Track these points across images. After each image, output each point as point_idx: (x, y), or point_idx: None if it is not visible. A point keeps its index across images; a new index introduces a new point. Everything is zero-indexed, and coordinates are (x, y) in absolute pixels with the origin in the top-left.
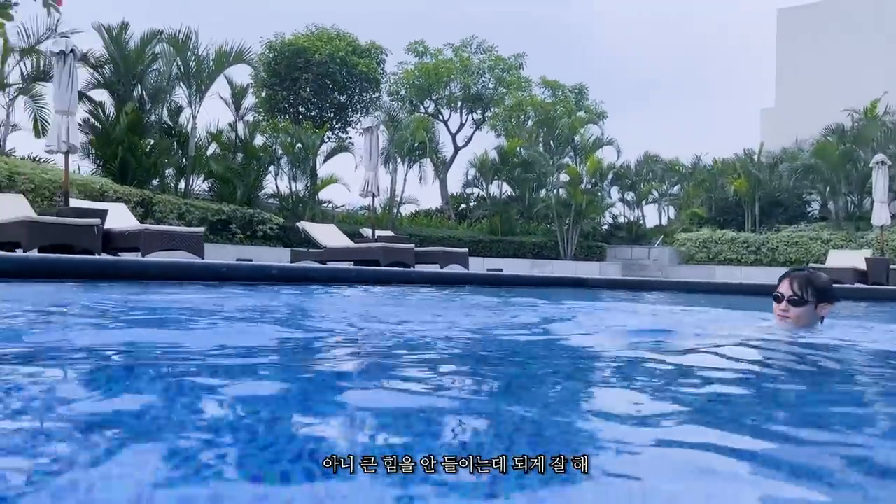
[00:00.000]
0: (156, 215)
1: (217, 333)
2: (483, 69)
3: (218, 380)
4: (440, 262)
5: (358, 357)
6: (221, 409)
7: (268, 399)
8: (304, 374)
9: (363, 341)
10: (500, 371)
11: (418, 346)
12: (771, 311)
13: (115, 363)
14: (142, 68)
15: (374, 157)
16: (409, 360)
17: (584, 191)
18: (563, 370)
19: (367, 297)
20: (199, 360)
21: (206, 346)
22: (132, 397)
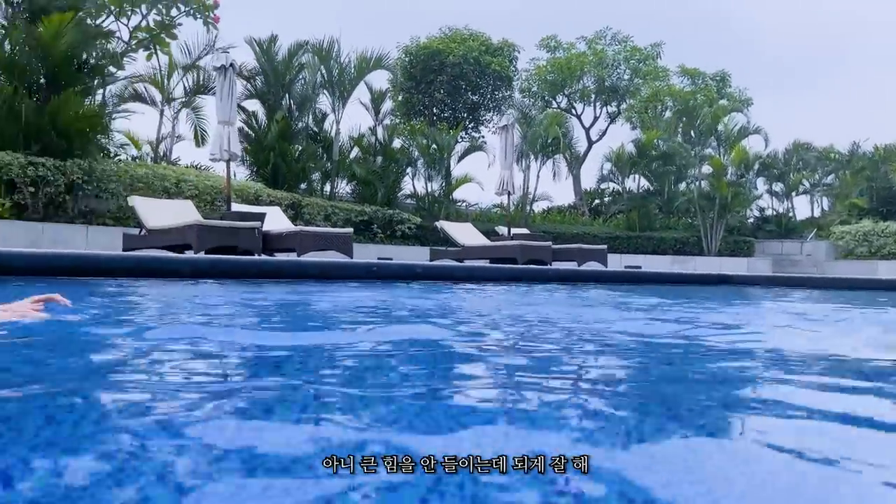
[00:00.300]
0: (305, 217)
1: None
2: (618, 60)
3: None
4: (577, 259)
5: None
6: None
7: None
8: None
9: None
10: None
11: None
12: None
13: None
14: (290, 78)
15: (510, 156)
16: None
17: (729, 182)
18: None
19: (529, 295)
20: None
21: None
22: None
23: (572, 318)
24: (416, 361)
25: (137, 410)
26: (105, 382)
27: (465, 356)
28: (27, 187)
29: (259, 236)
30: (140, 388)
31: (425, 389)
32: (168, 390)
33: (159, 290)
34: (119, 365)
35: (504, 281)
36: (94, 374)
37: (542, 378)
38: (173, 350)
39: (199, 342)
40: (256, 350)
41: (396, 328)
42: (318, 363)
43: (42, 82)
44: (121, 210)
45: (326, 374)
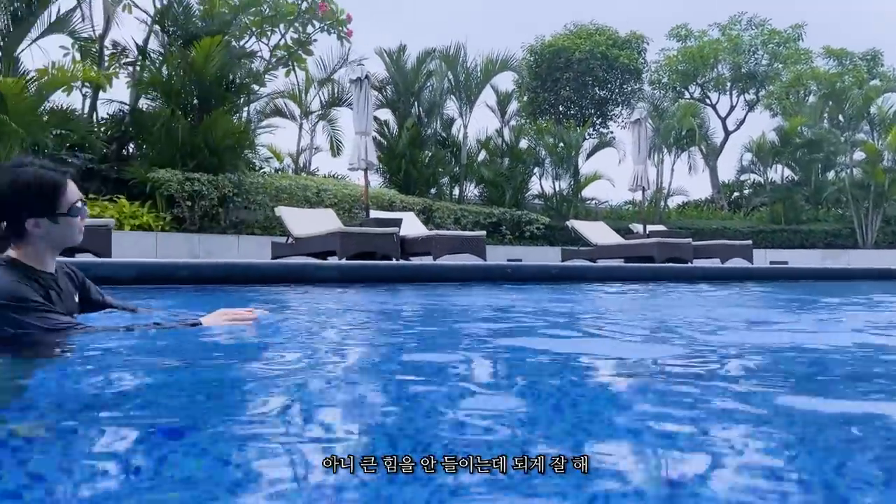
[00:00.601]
0: (435, 221)
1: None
2: (755, 45)
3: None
4: (720, 256)
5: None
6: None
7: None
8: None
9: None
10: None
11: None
12: None
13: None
14: (418, 86)
15: (643, 150)
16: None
17: (885, 169)
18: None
19: (695, 297)
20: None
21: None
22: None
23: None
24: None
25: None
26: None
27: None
28: (185, 201)
29: (397, 241)
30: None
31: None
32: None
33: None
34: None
35: (643, 281)
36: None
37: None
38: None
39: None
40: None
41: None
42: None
43: (195, 103)
44: (267, 220)
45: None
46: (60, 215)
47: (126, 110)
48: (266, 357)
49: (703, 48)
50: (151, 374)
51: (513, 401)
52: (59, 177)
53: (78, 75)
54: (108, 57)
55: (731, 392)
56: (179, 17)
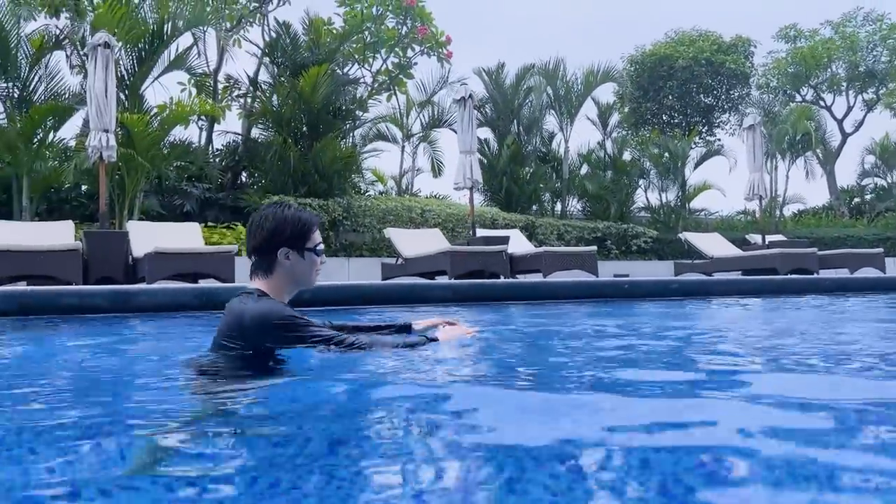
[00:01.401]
0: (538, 237)
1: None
2: (873, 42)
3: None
4: (849, 265)
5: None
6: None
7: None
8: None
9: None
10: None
11: None
12: None
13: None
14: (517, 102)
15: (759, 157)
16: None
17: None
18: None
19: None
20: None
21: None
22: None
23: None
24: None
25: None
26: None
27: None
28: None
29: (506, 259)
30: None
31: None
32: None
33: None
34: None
35: (768, 294)
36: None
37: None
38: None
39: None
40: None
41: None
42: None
43: (304, 131)
44: (374, 241)
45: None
46: (308, 250)
47: (239, 140)
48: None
49: (816, 48)
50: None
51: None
52: (312, 217)
53: (195, 109)
54: (221, 90)
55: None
56: (287, 48)
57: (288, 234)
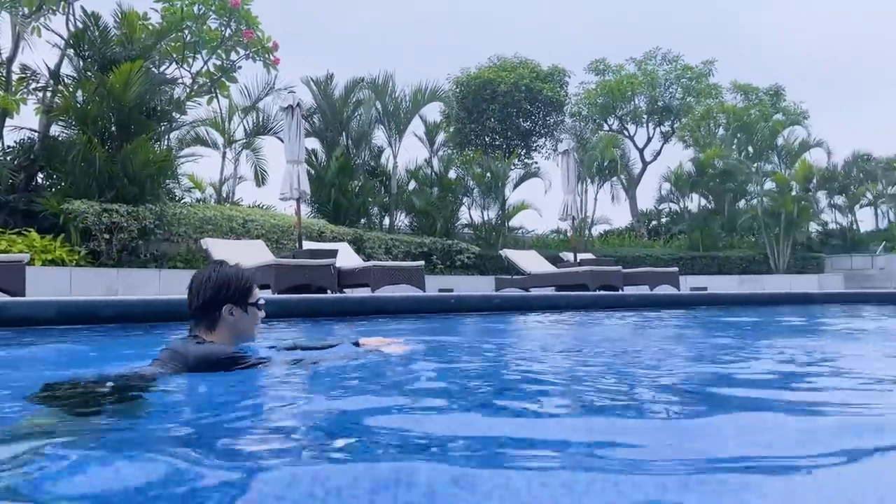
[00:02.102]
0: (366, 251)
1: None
2: (669, 80)
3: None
4: (649, 283)
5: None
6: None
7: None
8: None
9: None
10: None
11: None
12: None
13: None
14: (346, 115)
15: (572, 180)
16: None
17: (794, 198)
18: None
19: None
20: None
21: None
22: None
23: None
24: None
25: None
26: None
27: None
28: (102, 234)
29: (335, 273)
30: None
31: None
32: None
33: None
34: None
35: (582, 308)
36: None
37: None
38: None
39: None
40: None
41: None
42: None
43: (113, 130)
44: (190, 252)
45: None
46: (251, 305)
47: (36, 138)
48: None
49: (621, 82)
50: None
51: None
52: (252, 274)
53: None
54: (15, 81)
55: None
56: (96, 41)
57: (232, 292)
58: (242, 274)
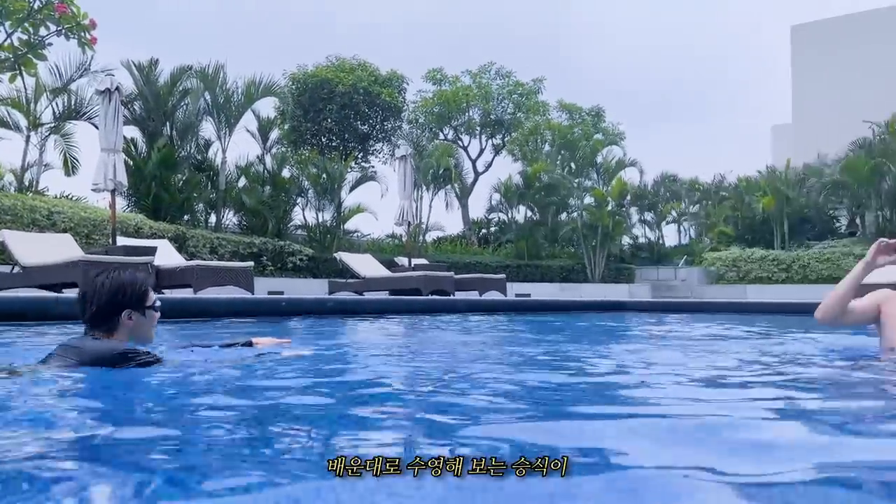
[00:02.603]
0: (189, 250)
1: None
2: (502, 94)
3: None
4: (479, 288)
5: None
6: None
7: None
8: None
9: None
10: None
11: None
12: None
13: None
14: (172, 104)
15: (409, 186)
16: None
17: (610, 213)
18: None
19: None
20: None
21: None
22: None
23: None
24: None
25: None
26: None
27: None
28: None
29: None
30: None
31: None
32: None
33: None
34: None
35: (413, 312)
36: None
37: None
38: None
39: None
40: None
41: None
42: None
43: None
44: None
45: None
46: (148, 308)
47: None
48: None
49: (457, 93)
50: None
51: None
52: (146, 281)
53: None
54: None
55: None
56: None
57: (129, 297)
58: (136, 278)
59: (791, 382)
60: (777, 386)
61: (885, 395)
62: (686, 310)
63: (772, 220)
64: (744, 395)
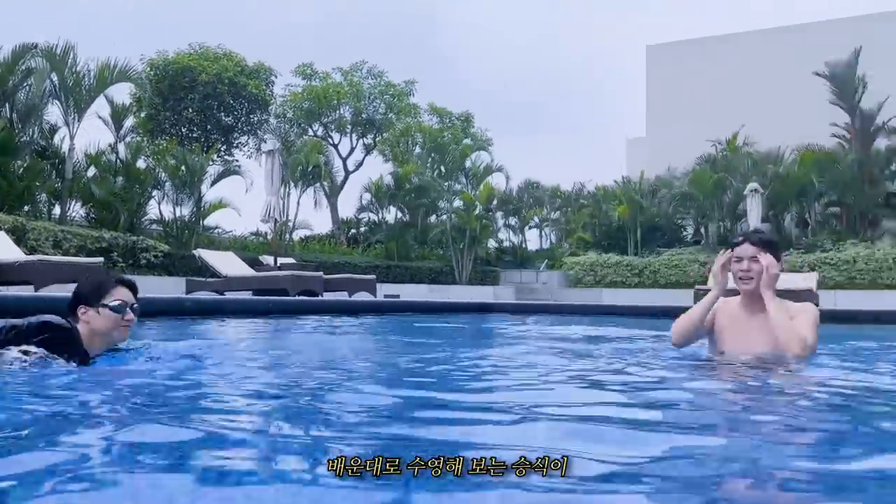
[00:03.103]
0: (28, 244)
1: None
2: (374, 94)
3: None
4: (349, 289)
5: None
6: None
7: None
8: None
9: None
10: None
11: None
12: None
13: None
14: (13, 83)
15: (276, 181)
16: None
17: (478, 216)
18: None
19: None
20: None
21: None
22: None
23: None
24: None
25: None
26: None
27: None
28: None
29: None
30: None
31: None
32: None
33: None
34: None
35: (282, 313)
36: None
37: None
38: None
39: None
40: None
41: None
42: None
43: None
44: None
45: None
46: (102, 306)
47: None
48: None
49: (328, 90)
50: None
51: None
52: (106, 278)
53: None
54: None
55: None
56: None
57: (84, 291)
58: (101, 275)
59: (639, 381)
60: (627, 383)
61: (713, 390)
62: (547, 311)
63: (626, 227)
64: (593, 389)
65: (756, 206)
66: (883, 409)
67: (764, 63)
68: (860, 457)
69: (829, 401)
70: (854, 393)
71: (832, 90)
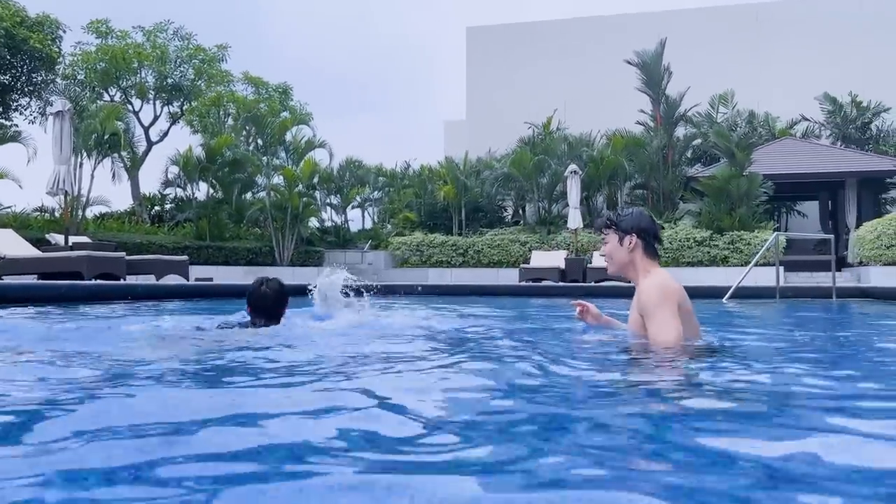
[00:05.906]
0: None
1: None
2: (181, 58)
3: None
4: (156, 272)
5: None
6: None
7: None
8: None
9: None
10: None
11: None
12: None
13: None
14: None
15: (66, 149)
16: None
17: (300, 193)
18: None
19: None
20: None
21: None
22: None
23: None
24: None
25: None
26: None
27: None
28: None
29: None
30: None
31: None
32: None
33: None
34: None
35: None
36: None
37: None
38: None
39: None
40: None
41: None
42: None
43: None
44: None
45: None
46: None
47: None
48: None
49: (126, 50)
50: None
51: None
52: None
53: None
54: None
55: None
56: None
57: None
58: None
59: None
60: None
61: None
62: (378, 292)
63: (451, 207)
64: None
65: (575, 186)
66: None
67: (582, 50)
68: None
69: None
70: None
71: (640, 78)
